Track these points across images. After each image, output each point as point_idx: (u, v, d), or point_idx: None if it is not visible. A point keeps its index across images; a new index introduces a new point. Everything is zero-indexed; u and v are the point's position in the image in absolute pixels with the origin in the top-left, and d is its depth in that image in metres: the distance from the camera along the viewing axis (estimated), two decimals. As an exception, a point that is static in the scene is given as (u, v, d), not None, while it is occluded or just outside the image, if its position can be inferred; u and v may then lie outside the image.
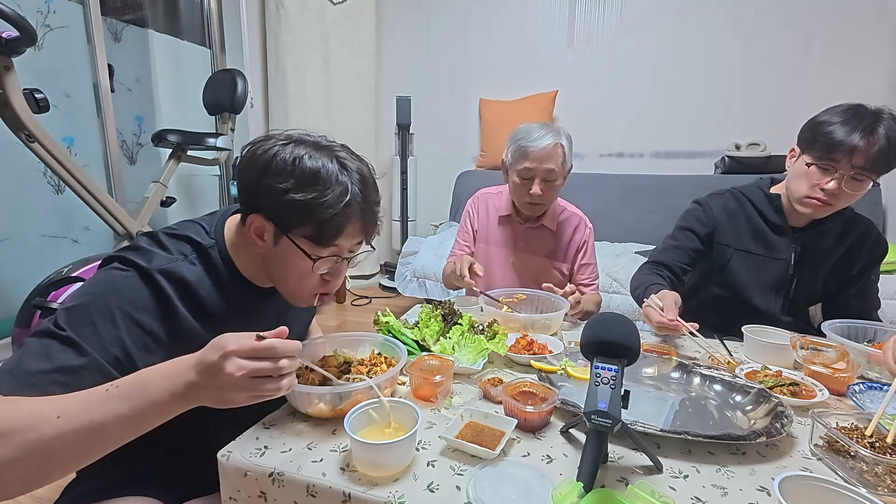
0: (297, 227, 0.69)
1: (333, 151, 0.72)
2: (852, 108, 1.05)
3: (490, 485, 0.58)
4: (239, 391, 0.55)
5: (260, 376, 0.55)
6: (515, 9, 3.25)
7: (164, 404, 0.55)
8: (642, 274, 1.26)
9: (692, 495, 0.59)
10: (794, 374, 0.90)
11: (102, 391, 0.54)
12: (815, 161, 1.06)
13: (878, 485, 0.60)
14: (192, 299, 0.70)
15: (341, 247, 0.73)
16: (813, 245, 1.19)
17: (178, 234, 0.74)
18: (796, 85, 2.71)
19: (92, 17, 2.24)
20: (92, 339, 0.60)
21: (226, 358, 0.53)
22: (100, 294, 0.63)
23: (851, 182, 1.04)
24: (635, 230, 2.89)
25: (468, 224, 1.57)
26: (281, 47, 3.11)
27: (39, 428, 0.51)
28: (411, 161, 3.41)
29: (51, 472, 0.53)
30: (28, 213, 2.16)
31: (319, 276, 0.75)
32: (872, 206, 2.51)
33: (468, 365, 0.89)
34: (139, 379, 0.55)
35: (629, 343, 0.62)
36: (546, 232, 1.49)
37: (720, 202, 1.29)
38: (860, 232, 1.19)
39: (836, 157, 1.03)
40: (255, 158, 0.69)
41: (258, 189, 0.69)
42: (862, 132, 1.00)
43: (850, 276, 1.20)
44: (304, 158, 0.68)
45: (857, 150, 1.00)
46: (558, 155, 1.32)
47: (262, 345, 0.55)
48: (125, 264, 0.68)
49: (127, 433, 0.55)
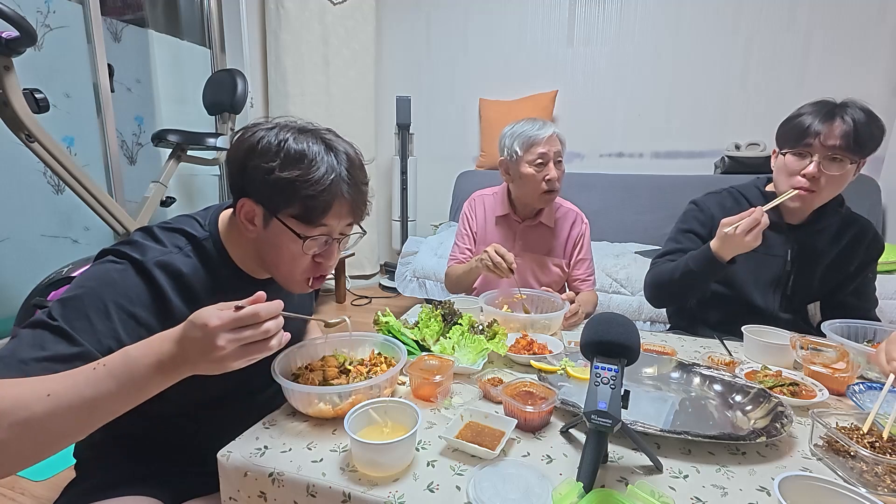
0: (284, 207, 0.70)
1: (319, 133, 0.73)
2: (820, 101, 1.11)
3: (490, 485, 0.58)
4: (232, 360, 0.56)
5: (250, 343, 0.56)
6: (515, 9, 3.25)
7: (153, 379, 0.56)
8: (665, 263, 1.24)
9: (692, 495, 0.59)
10: (794, 374, 0.90)
11: (90, 370, 0.55)
12: (790, 151, 1.12)
13: (878, 485, 0.60)
14: (187, 291, 0.70)
15: (331, 226, 0.73)
16: (809, 242, 1.20)
17: (172, 227, 0.75)
18: (796, 85, 2.72)
19: (92, 17, 2.23)
20: (86, 332, 0.60)
21: (213, 334, 0.54)
22: (94, 287, 0.64)
23: (829, 164, 1.07)
24: (635, 230, 2.89)
25: (467, 226, 1.57)
26: (281, 47, 3.11)
27: (31, 407, 0.51)
28: (411, 161, 3.41)
29: (44, 449, 0.53)
30: (28, 213, 2.16)
31: (311, 257, 0.75)
32: (872, 206, 2.51)
33: (468, 365, 0.89)
34: (126, 356, 0.56)
35: (629, 343, 0.62)
36: (544, 229, 1.49)
37: (716, 200, 1.31)
38: (857, 231, 1.20)
39: (808, 142, 1.08)
40: (242, 142, 0.70)
41: (245, 171, 0.69)
42: (827, 115, 1.06)
43: (847, 273, 1.20)
44: (289, 140, 0.69)
45: (828, 134, 1.05)
46: (559, 141, 1.41)
47: (245, 313, 0.56)
48: (119, 257, 0.68)
49: (117, 408, 0.56)
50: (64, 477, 0.79)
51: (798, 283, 1.21)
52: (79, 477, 0.79)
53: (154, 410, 0.74)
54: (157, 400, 0.58)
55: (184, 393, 0.69)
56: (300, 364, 0.84)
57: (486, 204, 1.56)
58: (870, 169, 2.63)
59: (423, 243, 2.93)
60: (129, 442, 0.79)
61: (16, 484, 1.40)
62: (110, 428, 0.79)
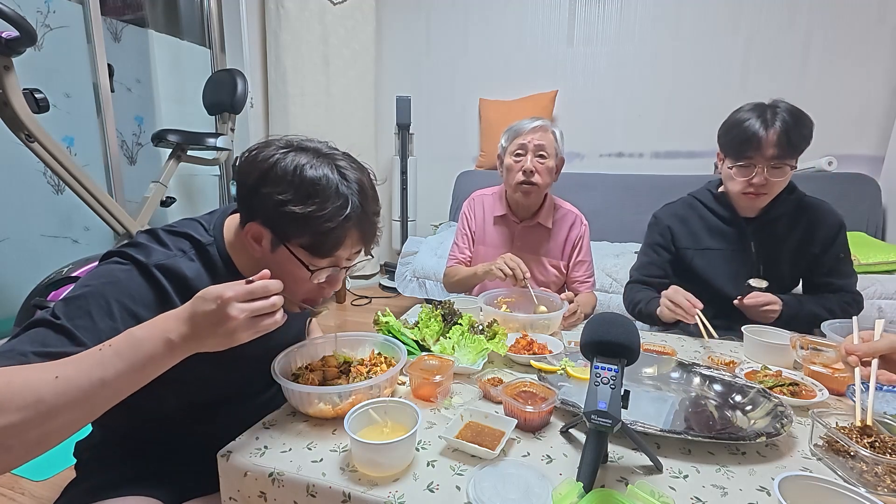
0: (295, 238, 0.70)
1: (334, 160, 0.72)
2: (753, 107, 1.17)
3: (490, 485, 0.58)
4: (243, 330, 0.58)
5: (259, 315, 0.59)
6: (515, 9, 3.25)
7: (161, 358, 0.57)
8: (635, 293, 1.37)
9: (692, 495, 0.59)
10: (794, 374, 0.90)
11: (96, 351, 0.55)
12: (734, 164, 1.19)
13: (878, 485, 0.60)
14: (190, 295, 0.70)
15: (339, 257, 0.74)
16: (768, 231, 1.26)
17: (177, 231, 0.75)
18: (796, 85, 2.72)
19: (92, 17, 2.23)
20: (87, 330, 0.60)
21: (226, 304, 0.56)
22: (98, 286, 0.64)
23: (772, 171, 1.15)
24: (635, 230, 2.88)
25: (465, 226, 1.57)
26: (281, 47, 3.11)
27: (39, 389, 0.51)
28: (411, 161, 3.41)
29: (55, 434, 0.53)
30: (28, 213, 2.16)
31: (317, 284, 0.75)
32: (872, 206, 2.51)
33: (468, 365, 0.89)
34: (131, 337, 0.56)
35: (629, 343, 0.62)
36: (542, 230, 1.49)
37: (670, 211, 1.39)
38: (812, 213, 1.25)
39: (749, 155, 1.15)
40: (255, 164, 0.69)
41: (256, 196, 0.69)
42: (761, 126, 1.12)
43: (813, 255, 1.25)
44: (304, 168, 0.68)
45: (765, 144, 1.12)
46: (548, 135, 1.40)
47: (256, 285, 0.59)
48: (124, 258, 0.68)
49: (124, 388, 0.56)
50: (64, 477, 0.79)
51: (770, 273, 1.26)
52: (79, 477, 0.79)
53: (155, 411, 0.74)
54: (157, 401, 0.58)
55: (185, 394, 0.69)
56: (300, 364, 0.84)
57: (486, 204, 1.56)
58: (870, 169, 2.64)
59: (423, 243, 2.93)
60: (129, 442, 0.80)
61: (16, 484, 1.40)
62: (110, 428, 0.80)
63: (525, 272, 1.25)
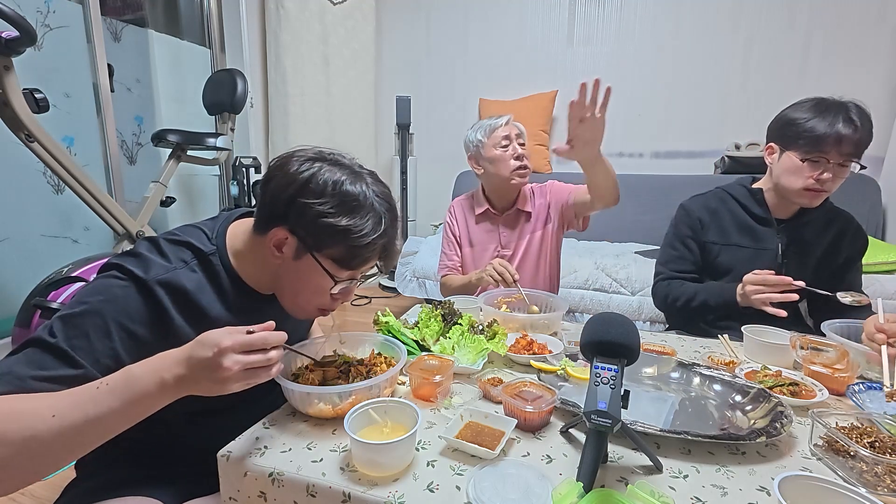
0: (328, 248, 0.71)
1: (364, 178, 0.74)
2: (819, 101, 1.13)
3: (490, 485, 0.58)
4: (234, 382, 0.58)
5: (253, 367, 0.58)
6: (515, 9, 3.25)
7: (154, 397, 0.57)
8: (673, 288, 1.31)
9: (692, 495, 0.59)
10: (794, 374, 0.90)
11: (93, 388, 0.56)
12: (807, 156, 1.14)
13: (878, 485, 0.60)
14: (191, 308, 0.70)
15: (360, 270, 0.76)
16: (798, 235, 1.24)
17: (179, 239, 0.74)
18: (796, 85, 2.72)
19: (92, 17, 2.23)
20: (85, 351, 0.61)
21: (222, 354, 0.55)
22: (96, 304, 0.63)
23: (840, 168, 1.13)
24: (635, 230, 2.89)
25: (450, 232, 1.62)
26: (281, 47, 3.10)
27: (35, 426, 0.51)
28: (411, 161, 3.41)
29: (47, 467, 0.54)
30: (28, 213, 2.16)
31: (331, 294, 0.76)
32: (872, 206, 2.51)
33: (468, 365, 0.89)
34: (128, 375, 0.57)
35: (629, 343, 0.62)
36: (523, 214, 1.54)
37: (701, 202, 1.35)
38: (841, 224, 1.25)
39: (825, 150, 1.11)
40: (290, 175, 0.70)
41: (292, 206, 0.70)
42: (843, 123, 1.08)
43: (836, 266, 1.24)
44: (344, 183, 0.70)
45: (844, 140, 1.09)
46: (519, 125, 1.49)
47: (255, 337, 0.58)
48: (123, 273, 0.67)
49: (120, 425, 0.57)
50: (64, 477, 0.79)
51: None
52: (79, 477, 0.79)
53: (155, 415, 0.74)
54: None
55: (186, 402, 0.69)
56: (300, 364, 0.84)
57: (465, 206, 1.62)
58: (870, 169, 2.62)
59: (423, 243, 2.93)
60: (129, 443, 0.79)
61: (16, 484, 1.40)
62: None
63: (514, 275, 1.27)
